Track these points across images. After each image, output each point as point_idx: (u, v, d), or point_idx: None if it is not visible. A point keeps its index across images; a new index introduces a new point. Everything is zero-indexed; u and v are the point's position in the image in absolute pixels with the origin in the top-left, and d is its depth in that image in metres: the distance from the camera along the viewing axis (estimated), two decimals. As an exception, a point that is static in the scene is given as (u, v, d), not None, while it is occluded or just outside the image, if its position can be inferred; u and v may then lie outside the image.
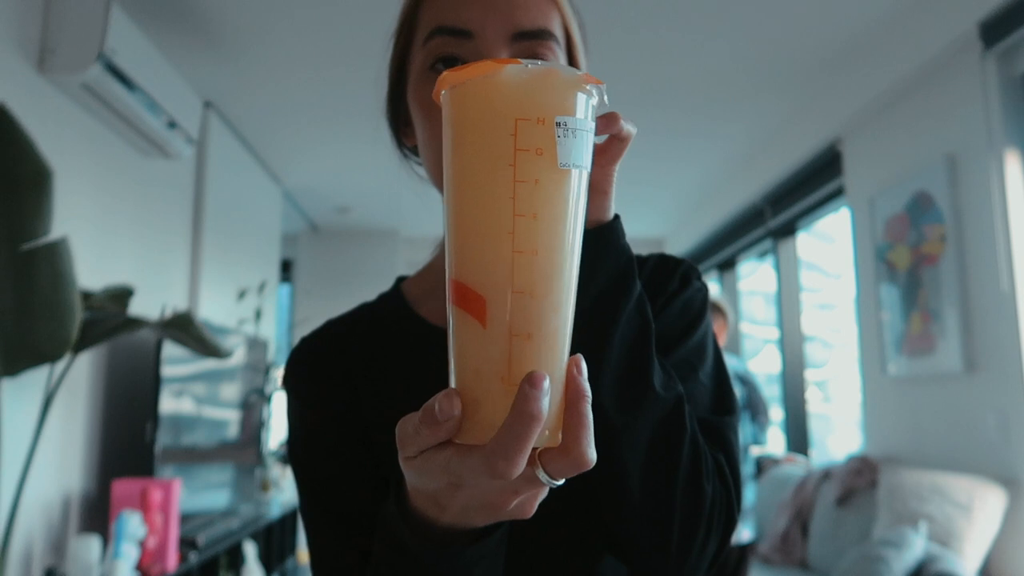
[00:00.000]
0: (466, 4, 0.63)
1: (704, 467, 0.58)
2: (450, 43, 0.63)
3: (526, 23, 0.62)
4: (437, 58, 0.63)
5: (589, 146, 0.43)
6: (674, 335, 0.67)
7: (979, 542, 2.58)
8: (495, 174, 0.41)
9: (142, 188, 3.27)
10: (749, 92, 3.77)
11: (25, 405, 2.26)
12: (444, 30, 0.63)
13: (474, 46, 0.62)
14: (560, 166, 0.41)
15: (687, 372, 0.65)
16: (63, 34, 2.53)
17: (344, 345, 0.72)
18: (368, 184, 5.21)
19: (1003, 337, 2.66)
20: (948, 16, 2.80)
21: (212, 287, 3.94)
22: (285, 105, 3.95)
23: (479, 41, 0.62)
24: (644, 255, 0.74)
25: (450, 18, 0.63)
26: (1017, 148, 2.67)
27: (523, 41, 0.63)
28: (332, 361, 0.71)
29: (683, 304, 0.68)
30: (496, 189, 0.41)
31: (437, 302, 0.69)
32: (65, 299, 2.01)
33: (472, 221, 0.42)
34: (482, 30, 0.62)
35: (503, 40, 0.62)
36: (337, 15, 3.00)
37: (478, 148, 0.42)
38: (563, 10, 0.66)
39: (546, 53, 0.63)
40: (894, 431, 3.35)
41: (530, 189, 0.41)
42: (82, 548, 2.36)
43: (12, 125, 1.94)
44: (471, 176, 0.42)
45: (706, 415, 0.64)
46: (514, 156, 0.41)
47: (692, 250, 6.37)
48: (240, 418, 3.83)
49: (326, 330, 0.74)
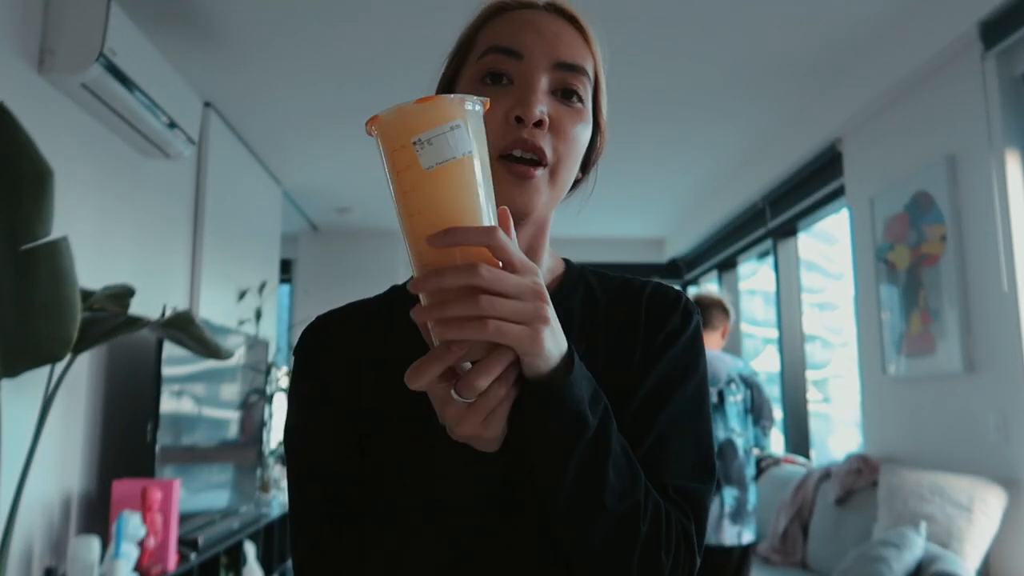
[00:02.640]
0: (521, 31, 0.72)
1: (664, 544, 0.65)
2: (501, 61, 0.72)
3: (567, 56, 0.72)
4: (488, 72, 0.72)
5: (460, 138, 0.56)
6: (675, 377, 0.73)
7: (979, 542, 2.58)
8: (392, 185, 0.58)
9: (142, 188, 3.27)
10: (749, 92, 3.77)
11: (25, 405, 2.26)
12: (499, 49, 0.72)
13: (522, 66, 0.71)
14: (425, 169, 0.56)
15: (682, 419, 0.72)
16: (63, 34, 2.53)
17: (355, 329, 0.77)
18: (368, 184, 5.21)
19: (1003, 337, 2.66)
20: (948, 16, 2.80)
21: (212, 287, 3.94)
22: (285, 105, 3.95)
23: (527, 63, 0.71)
24: (638, 280, 0.80)
25: (506, 40, 0.72)
26: (1017, 148, 2.67)
27: (561, 71, 0.72)
28: (340, 342, 0.77)
29: (686, 343, 0.75)
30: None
31: None
32: (65, 299, 2.01)
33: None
34: (531, 54, 0.71)
35: (546, 66, 0.71)
36: (337, 15, 3.00)
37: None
38: (596, 56, 0.76)
39: (578, 86, 0.73)
40: (894, 431, 3.35)
41: (408, 195, 0.57)
42: (82, 548, 2.36)
43: (12, 125, 1.94)
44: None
45: (686, 481, 0.70)
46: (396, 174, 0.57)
47: (692, 250, 6.37)
48: (240, 418, 3.83)
49: (344, 312, 0.80)
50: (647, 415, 0.71)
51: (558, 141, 0.70)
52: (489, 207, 0.59)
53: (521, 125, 0.69)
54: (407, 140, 0.56)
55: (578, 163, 0.74)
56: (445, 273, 0.54)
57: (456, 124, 0.56)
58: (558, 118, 0.71)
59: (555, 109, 0.71)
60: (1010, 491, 2.60)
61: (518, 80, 0.71)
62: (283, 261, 5.75)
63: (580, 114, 0.73)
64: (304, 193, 5.46)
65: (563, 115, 0.71)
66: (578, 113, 0.72)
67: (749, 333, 6.27)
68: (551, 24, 0.73)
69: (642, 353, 0.74)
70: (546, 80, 0.71)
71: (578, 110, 0.73)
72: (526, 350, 0.57)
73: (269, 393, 4.31)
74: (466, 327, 0.54)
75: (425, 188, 0.56)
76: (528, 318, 0.56)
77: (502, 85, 0.71)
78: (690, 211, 6.06)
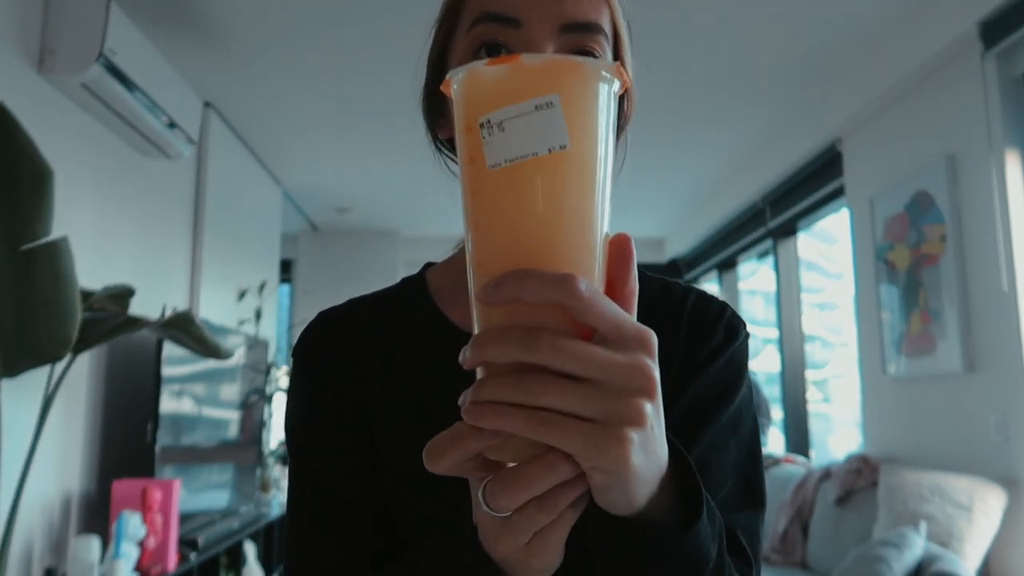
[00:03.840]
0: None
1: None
2: (496, 30, 0.61)
3: (577, 15, 0.60)
4: (482, 43, 0.61)
5: (549, 123, 0.38)
6: (714, 396, 0.64)
7: (979, 542, 2.58)
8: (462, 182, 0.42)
9: (142, 188, 3.27)
10: (750, 92, 3.77)
11: (25, 405, 2.26)
12: (490, 16, 0.61)
13: (521, 35, 0.60)
14: (489, 167, 0.39)
15: (722, 443, 0.63)
16: (63, 34, 2.53)
17: (360, 327, 0.71)
18: (368, 184, 5.21)
19: (1003, 337, 2.66)
20: (948, 16, 2.80)
21: (212, 287, 3.94)
22: (285, 105, 3.95)
23: (526, 30, 0.60)
24: (680, 286, 0.71)
25: (499, 3, 0.61)
26: (1017, 148, 2.67)
27: (571, 34, 0.60)
28: (344, 340, 0.70)
29: (727, 361, 0.66)
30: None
31: (456, 300, 0.68)
32: (65, 299, 2.01)
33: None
34: (530, 19, 0.60)
35: (551, 31, 0.60)
36: (337, 15, 3.00)
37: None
38: (613, 7, 0.64)
39: (594, 48, 0.61)
40: (894, 431, 3.35)
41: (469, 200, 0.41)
42: (82, 548, 2.36)
43: (12, 125, 1.94)
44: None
45: (740, 512, 0.61)
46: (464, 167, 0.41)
47: (692, 250, 6.37)
48: (240, 418, 3.84)
49: (346, 308, 0.73)
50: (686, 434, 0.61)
51: None
52: (591, 234, 0.40)
53: None
54: (474, 119, 0.39)
55: None
56: (489, 341, 0.38)
57: (547, 101, 0.38)
58: None
59: None
60: (1010, 491, 2.60)
61: (518, 52, 0.60)
62: (283, 261, 5.75)
63: None
64: (304, 193, 5.46)
65: None
66: None
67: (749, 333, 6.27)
68: None
69: (682, 366, 0.65)
70: (553, 48, 0.60)
71: None
72: (596, 464, 0.39)
73: (269, 393, 4.31)
74: (503, 413, 0.38)
75: (488, 195, 0.40)
76: (608, 415, 0.38)
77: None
78: (690, 211, 6.06)
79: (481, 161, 0.39)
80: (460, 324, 0.68)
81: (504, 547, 0.43)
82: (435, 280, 0.73)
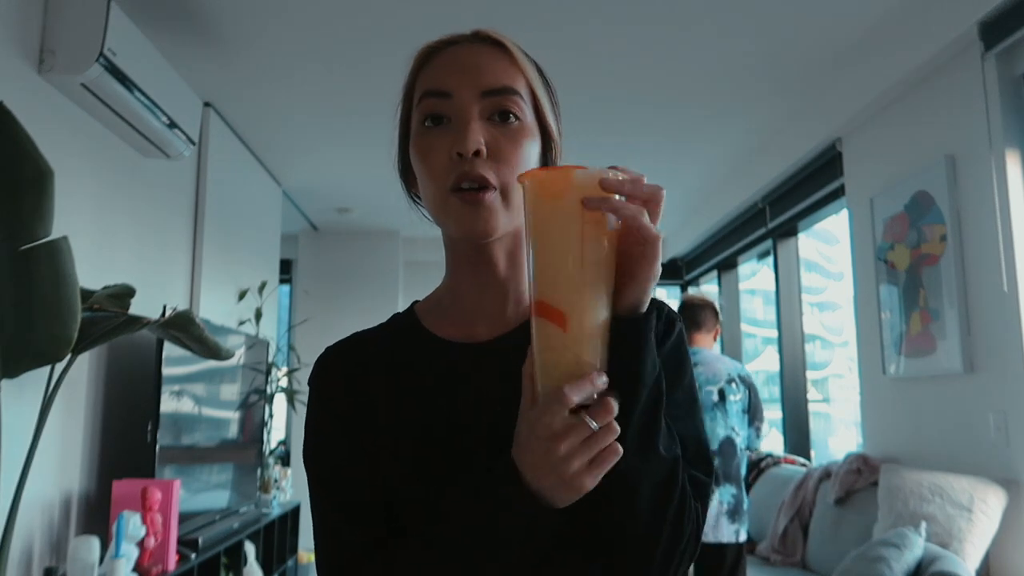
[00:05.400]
0: (446, 72, 0.77)
1: (686, 512, 0.71)
2: (435, 103, 0.76)
3: (492, 83, 0.76)
4: (427, 115, 0.77)
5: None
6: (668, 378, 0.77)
7: (979, 542, 2.58)
8: (568, 235, 0.65)
9: (142, 188, 3.27)
10: (749, 92, 3.77)
11: (25, 405, 2.26)
12: (431, 93, 0.77)
13: (452, 105, 0.75)
14: (610, 228, 0.65)
15: (684, 413, 0.77)
16: (63, 34, 2.52)
17: (364, 355, 0.82)
18: (368, 184, 5.21)
19: (1003, 337, 2.66)
20: (948, 16, 2.80)
21: (212, 287, 3.94)
22: (285, 105, 3.95)
23: (456, 100, 0.75)
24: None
25: (435, 82, 0.77)
26: (1017, 148, 2.67)
27: (491, 97, 0.76)
28: (352, 368, 0.81)
29: (673, 348, 0.80)
30: (571, 244, 0.65)
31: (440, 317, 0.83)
32: (65, 299, 2.01)
33: (553, 261, 0.65)
34: (458, 91, 0.75)
35: (475, 97, 0.75)
36: (337, 15, 3.00)
37: (559, 221, 0.65)
38: (527, 73, 0.79)
39: (511, 106, 0.76)
40: (894, 431, 3.35)
41: (591, 245, 0.65)
42: (82, 548, 2.36)
43: (12, 125, 1.93)
44: (554, 237, 0.65)
45: (694, 472, 0.76)
46: (582, 226, 0.64)
47: (692, 250, 6.37)
48: (240, 418, 3.84)
49: (350, 340, 0.85)
50: None
51: (500, 166, 0.74)
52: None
53: (462, 160, 0.73)
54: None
55: None
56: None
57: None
58: (495, 143, 0.74)
59: (492, 135, 0.74)
60: (1010, 491, 2.60)
61: (453, 118, 0.75)
62: (283, 261, 5.75)
63: (520, 132, 0.76)
64: (304, 193, 5.46)
65: (501, 139, 0.75)
66: (517, 132, 0.76)
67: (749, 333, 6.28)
68: (473, 56, 0.77)
69: None
70: (478, 110, 0.75)
71: (516, 128, 0.76)
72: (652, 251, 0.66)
73: (269, 393, 4.31)
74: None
75: (597, 243, 0.66)
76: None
77: (443, 126, 0.75)
78: (690, 211, 6.06)
79: (603, 223, 0.65)
80: (447, 338, 0.81)
81: (552, 477, 0.63)
82: (421, 310, 0.86)
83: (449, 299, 0.83)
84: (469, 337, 0.79)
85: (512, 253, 0.80)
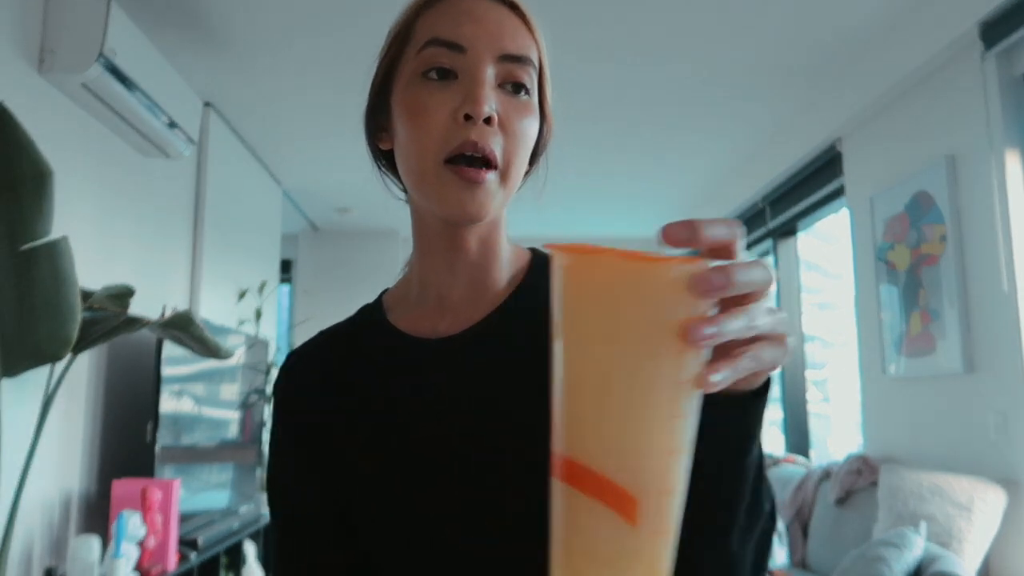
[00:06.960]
0: (462, 21, 0.67)
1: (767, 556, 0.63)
2: (444, 55, 0.67)
3: (512, 48, 0.68)
4: (430, 66, 0.67)
5: None
6: None
7: (979, 542, 2.58)
8: (657, 373, 0.41)
9: (142, 188, 3.27)
10: (749, 92, 3.77)
11: (25, 405, 2.26)
12: (439, 42, 0.67)
13: (464, 61, 0.67)
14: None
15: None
16: (63, 34, 2.52)
17: (325, 357, 0.77)
18: (368, 184, 5.06)
19: (1003, 337, 2.66)
20: (948, 16, 2.80)
21: (212, 287, 3.94)
22: (285, 105, 3.95)
23: (470, 56, 0.66)
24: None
25: (447, 32, 0.67)
26: (1017, 148, 2.67)
27: (507, 63, 0.68)
28: (311, 372, 0.77)
29: None
30: (657, 387, 0.41)
31: (407, 310, 0.76)
32: (65, 299, 2.01)
33: (621, 410, 0.41)
34: (474, 47, 0.67)
35: (491, 59, 0.67)
36: (337, 15, 3.00)
37: (637, 349, 0.41)
38: (539, 44, 0.72)
39: (523, 77, 0.69)
40: (894, 431, 3.35)
41: (688, 390, 0.41)
42: (82, 548, 2.36)
43: (12, 125, 1.94)
44: (628, 365, 0.41)
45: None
46: (679, 361, 0.41)
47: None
48: (240, 418, 3.84)
49: (312, 342, 0.79)
50: None
51: (508, 140, 0.66)
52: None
53: (470, 123, 0.64)
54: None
55: (527, 159, 0.71)
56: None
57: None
58: (506, 115, 0.67)
59: (503, 105, 0.67)
60: (1010, 491, 2.60)
61: (463, 75, 0.66)
62: (283, 261, 5.75)
63: (528, 107, 0.69)
64: (304, 193, 5.46)
65: (511, 111, 0.67)
66: (526, 107, 0.68)
67: (749, 333, 6.27)
68: (493, 13, 0.68)
69: None
70: (492, 73, 0.67)
71: (525, 103, 0.68)
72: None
73: (269, 393, 4.31)
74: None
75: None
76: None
77: (447, 80, 0.66)
78: (690, 211, 6.06)
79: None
80: (407, 331, 0.74)
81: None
82: (389, 300, 0.79)
83: (417, 289, 0.75)
84: (434, 332, 0.72)
85: (485, 238, 0.72)
